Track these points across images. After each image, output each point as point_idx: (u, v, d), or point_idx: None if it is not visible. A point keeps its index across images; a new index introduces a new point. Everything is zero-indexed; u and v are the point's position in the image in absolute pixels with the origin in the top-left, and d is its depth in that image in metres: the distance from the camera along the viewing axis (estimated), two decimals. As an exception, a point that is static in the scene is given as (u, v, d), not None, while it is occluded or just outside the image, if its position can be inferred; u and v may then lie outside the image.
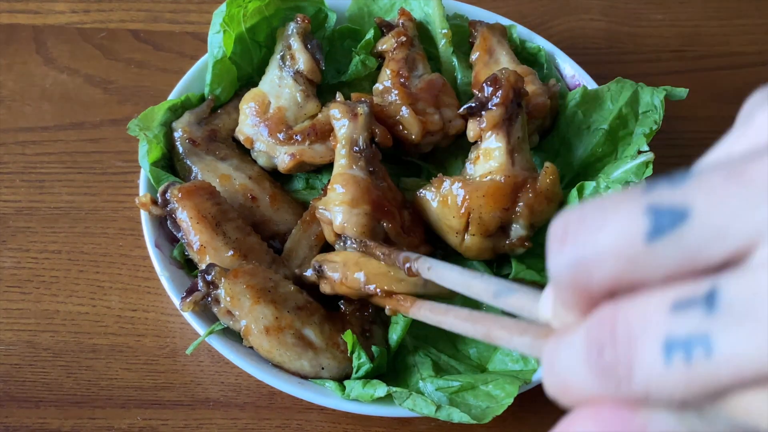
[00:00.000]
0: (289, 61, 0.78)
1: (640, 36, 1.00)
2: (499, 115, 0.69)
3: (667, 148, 0.89)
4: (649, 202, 0.25)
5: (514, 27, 0.85)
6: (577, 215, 0.26)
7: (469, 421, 0.61)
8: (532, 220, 0.70)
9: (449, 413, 0.62)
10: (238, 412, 0.70)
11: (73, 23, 0.95)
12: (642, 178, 0.68)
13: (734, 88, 0.95)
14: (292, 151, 0.75)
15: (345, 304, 0.69)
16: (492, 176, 0.69)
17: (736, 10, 1.02)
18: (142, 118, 0.75)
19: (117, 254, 0.78)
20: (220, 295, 0.64)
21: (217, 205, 0.69)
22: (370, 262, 0.64)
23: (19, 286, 0.76)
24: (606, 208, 0.25)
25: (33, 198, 0.81)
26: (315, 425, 0.70)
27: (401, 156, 0.78)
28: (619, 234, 0.25)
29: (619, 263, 0.25)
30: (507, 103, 0.69)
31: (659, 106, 0.73)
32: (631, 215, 0.25)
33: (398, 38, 0.80)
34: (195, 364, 0.72)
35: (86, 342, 0.73)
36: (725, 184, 0.24)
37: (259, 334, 0.64)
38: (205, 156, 0.75)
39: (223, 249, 0.68)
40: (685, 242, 0.24)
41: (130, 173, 0.83)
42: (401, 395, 0.63)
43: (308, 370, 0.65)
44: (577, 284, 0.26)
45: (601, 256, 0.25)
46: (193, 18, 0.97)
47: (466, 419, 0.61)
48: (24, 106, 0.88)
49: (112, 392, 0.70)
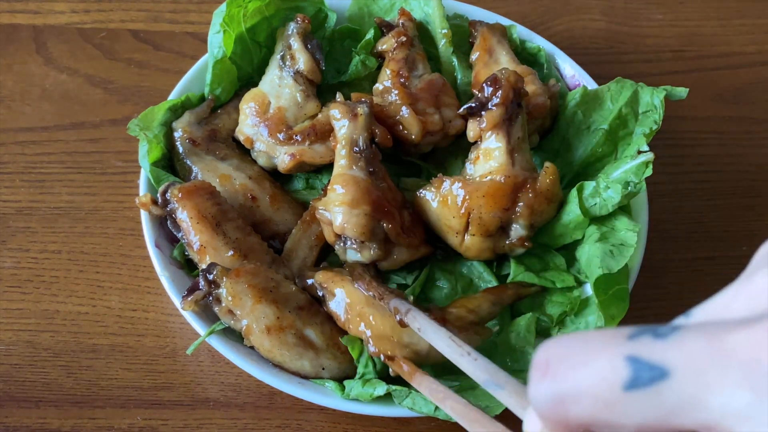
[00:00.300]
0: (289, 61, 0.78)
1: (640, 36, 1.00)
2: (499, 115, 0.69)
3: (667, 148, 0.89)
4: (631, 352, 0.26)
5: (514, 27, 0.85)
6: (561, 350, 0.27)
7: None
8: (532, 220, 0.70)
9: (449, 414, 0.62)
10: (238, 412, 0.70)
11: (73, 23, 0.95)
12: (642, 178, 0.68)
13: (734, 88, 0.95)
14: (292, 151, 0.75)
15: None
16: (492, 176, 0.69)
17: (736, 10, 1.02)
18: (142, 118, 0.75)
19: (117, 254, 0.78)
20: (221, 294, 0.64)
21: (218, 205, 0.69)
22: (375, 318, 0.64)
23: (19, 286, 0.76)
24: (589, 347, 0.27)
25: (33, 198, 0.81)
26: (315, 425, 0.70)
27: (401, 156, 0.78)
28: (599, 377, 0.26)
29: (596, 405, 0.26)
30: (507, 103, 0.69)
31: (659, 106, 0.73)
32: (613, 361, 0.26)
33: (398, 38, 0.80)
34: (195, 364, 0.72)
35: (86, 342, 0.73)
36: (706, 352, 0.24)
37: (261, 333, 0.64)
38: (205, 156, 0.75)
39: (223, 249, 0.68)
40: (661, 401, 0.25)
41: (130, 173, 0.83)
42: (401, 394, 0.63)
43: (309, 370, 0.65)
44: (555, 416, 0.27)
45: (579, 395, 0.26)
46: (193, 18, 0.97)
47: None
48: (24, 106, 0.88)
49: (112, 392, 0.70)
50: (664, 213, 0.84)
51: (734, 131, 0.92)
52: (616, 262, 0.65)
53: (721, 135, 0.92)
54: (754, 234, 0.84)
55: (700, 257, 0.81)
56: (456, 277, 0.73)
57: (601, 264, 0.65)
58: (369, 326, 0.64)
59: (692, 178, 0.88)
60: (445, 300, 0.72)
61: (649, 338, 0.26)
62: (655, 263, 0.80)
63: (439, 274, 0.73)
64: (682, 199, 0.86)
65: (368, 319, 0.64)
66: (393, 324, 0.63)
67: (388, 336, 0.63)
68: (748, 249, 0.82)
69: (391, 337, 0.63)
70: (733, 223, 0.84)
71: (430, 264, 0.73)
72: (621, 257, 0.66)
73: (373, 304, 0.64)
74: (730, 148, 0.90)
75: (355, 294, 0.65)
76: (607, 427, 0.26)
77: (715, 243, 0.83)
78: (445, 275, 0.73)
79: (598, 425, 0.26)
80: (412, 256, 0.71)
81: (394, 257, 0.70)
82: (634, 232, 0.67)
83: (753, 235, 0.83)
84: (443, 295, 0.72)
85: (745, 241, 0.83)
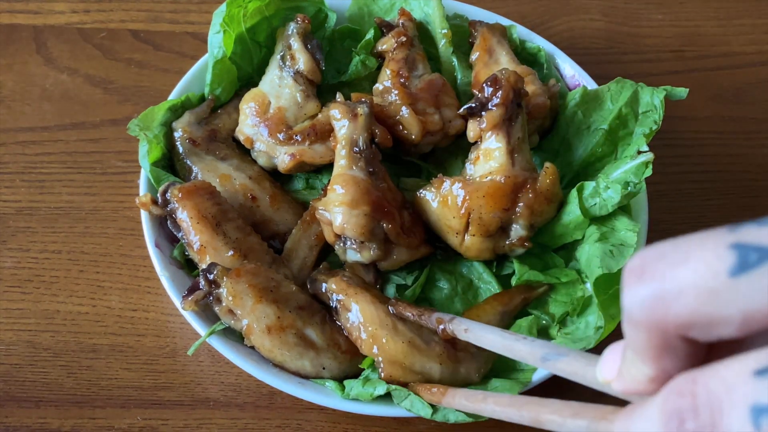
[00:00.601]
0: (289, 61, 0.78)
1: (640, 36, 1.00)
2: (500, 115, 0.69)
3: (667, 148, 0.89)
4: (734, 240, 0.24)
5: (514, 27, 0.85)
6: (656, 252, 0.26)
7: (465, 420, 0.61)
8: (532, 220, 0.70)
9: (445, 415, 0.62)
10: (238, 412, 0.70)
11: (73, 23, 0.95)
12: (641, 178, 0.68)
13: (734, 88, 0.95)
14: (292, 151, 0.75)
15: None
16: (492, 176, 0.69)
17: (736, 10, 1.02)
18: (142, 118, 0.75)
19: (117, 254, 0.78)
20: (222, 294, 0.64)
21: (218, 205, 0.69)
22: (389, 342, 0.63)
23: (20, 286, 0.76)
24: (687, 245, 0.25)
25: (33, 198, 0.81)
26: (315, 425, 0.70)
27: (401, 156, 0.78)
28: (702, 268, 0.25)
29: (699, 297, 0.25)
30: (507, 104, 0.69)
31: (659, 106, 0.73)
32: (716, 250, 0.24)
33: (398, 38, 0.80)
34: (195, 364, 0.72)
35: (86, 342, 0.73)
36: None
37: (261, 333, 0.64)
38: (205, 156, 0.75)
39: (223, 249, 0.68)
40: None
41: (130, 173, 0.83)
42: (400, 395, 0.63)
43: (309, 369, 0.65)
44: (653, 319, 0.26)
45: (682, 290, 0.25)
46: (193, 18, 0.97)
47: (462, 418, 0.61)
48: (24, 106, 0.88)
49: (112, 392, 0.70)
50: (664, 213, 0.84)
51: (734, 131, 0.92)
52: (616, 262, 0.65)
53: (721, 135, 0.92)
54: (754, 234, 0.83)
55: (700, 257, 0.81)
56: (456, 278, 0.73)
57: (601, 264, 0.65)
58: (382, 350, 0.64)
59: (692, 178, 0.88)
60: (445, 300, 0.72)
61: (753, 227, 0.25)
62: (655, 263, 0.80)
63: (439, 275, 0.73)
64: (682, 199, 0.86)
65: (381, 341, 0.64)
66: (405, 350, 0.63)
67: (400, 362, 0.63)
68: (748, 249, 0.82)
69: (403, 363, 0.63)
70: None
71: (430, 264, 0.73)
72: (621, 257, 0.66)
73: (387, 326, 0.64)
74: (730, 148, 0.90)
75: (369, 312, 0.65)
76: (709, 324, 0.25)
77: (715, 243, 0.83)
78: (445, 275, 0.73)
79: (699, 324, 0.25)
80: (412, 257, 0.71)
81: (394, 257, 0.70)
82: (634, 232, 0.67)
83: (753, 235, 0.83)
84: (443, 295, 0.72)
85: (745, 241, 0.83)
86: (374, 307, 0.65)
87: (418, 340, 0.64)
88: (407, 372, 0.63)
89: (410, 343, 0.63)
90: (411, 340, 0.64)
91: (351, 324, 0.65)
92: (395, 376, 0.63)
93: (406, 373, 0.63)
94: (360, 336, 0.65)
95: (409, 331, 0.64)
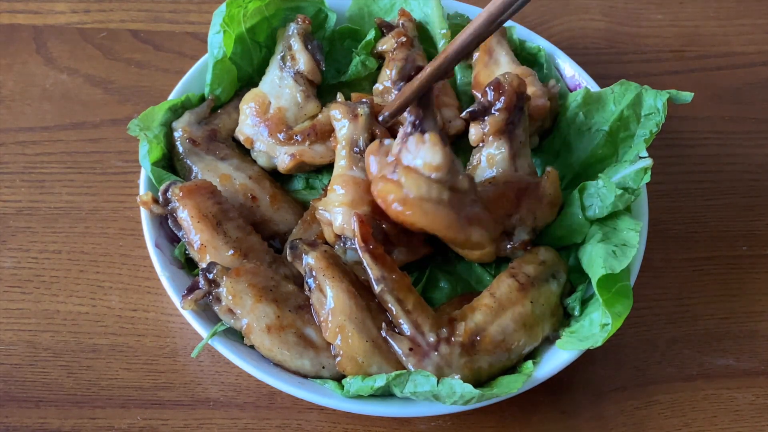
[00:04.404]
0: (289, 61, 0.78)
1: (640, 36, 1.00)
2: (503, 120, 0.70)
3: (667, 148, 0.89)
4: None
5: (514, 27, 0.85)
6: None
7: (471, 391, 0.60)
8: (535, 224, 0.70)
9: (451, 384, 0.60)
10: (238, 412, 0.70)
11: (73, 23, 0.95)
12: (640, 184, 0.68)
13: (734, 88, 0.95)
14: (292, 151, 0.75)
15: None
16: (495, 182, 0.69)
17: (736, 10, 1.02)
18: (142, 118, 0.75)
19: (117, 254, 0.78)
20: (221, 293, 0.64)
21: (218, 205, 0.69)
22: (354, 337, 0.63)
23: (20, 286, 0.76)
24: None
25: (33, 198, 0.81)
26: (315, 425, 0.70)
27: (401, 156, 0.78)
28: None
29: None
30: (511, 109, 0.69)
31: (662, 109, 0.72)
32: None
33: (398, 38, 0.80)
34: (195, 364, 0.72)
35: (86, 342, 0.73)
36: None
37: (261, 332, 0.64)
38: (206, 156, 0.75)
39: (223, 248, 0.68)
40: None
41: (130, 173, 0.83)
42: (401, 380, 0.61)
43: (309, 369, 0.65)
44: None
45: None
46: (193, 18, 0.97)
47: (468, 389, 0.60)
48: (24, 106, 0.88)
49: (112, 392, 0.70)
50: (664, 213, 0.84)
51: (734, 131, 0.92)
52: (619, 263, 0.65)
53: (721, 135, 0.92)
54: (754, 234, 0.83)
55: (699, 257, 0.81)
56: (456, 278, 0.73)
57: (604, 264, 0.64)
58: (344, 343, 0.63)
59: (692, 178, 0.88)
60: (445, 300, 0.72)
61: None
62: (655, 263, 0.80)
63: (439, 276, 0.73)
64: (682, 199, 0.86)
65: (346, 334, 0.63)
66: (366, 349, 0.62)
67: (359, 360, 0.63)
68: (747, 249, 0.82)
69: (362, 362, 0.63)
70: (733, 223, 0.84)
71: (430, 266, 0.73)
72: (624, 257, 0.65)
73: (356, 319, 0.63)
74: (730, 148, 0.90)
75: (342, 301, 0.64)
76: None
77: (715, 243, 0.83)
78: (445, 276, 0.73)
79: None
80: (413, 257, 0.71)
81: (394, 258, 0.70)
82: (637, 231, 0.67)
83: (753, 235, 0.83)
84: (444, 295, 0.72)
85: (745, 241, 0.83)
86: (348, 297, 0.64)
87: (382, 342, 0.63)
88: (362, 372, 0.63)
89: (373, 343, 0.63)
90: (375, 340, 0.63)
91: (321, 306, 0.64)
92: (349, 372, 0.63)
93: (360, 372, 0.63)
94: (327, 320, 0.64)
95: (376, 328, 0.64)
